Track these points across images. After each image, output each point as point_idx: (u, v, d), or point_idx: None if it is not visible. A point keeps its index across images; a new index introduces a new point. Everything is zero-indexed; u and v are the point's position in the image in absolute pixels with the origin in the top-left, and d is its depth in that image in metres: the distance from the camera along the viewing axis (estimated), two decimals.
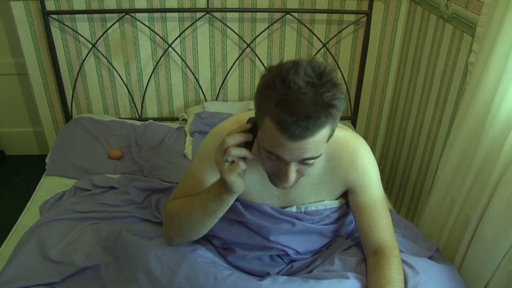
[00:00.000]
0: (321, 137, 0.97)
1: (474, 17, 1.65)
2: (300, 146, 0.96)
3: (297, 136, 0.93)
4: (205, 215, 1.16)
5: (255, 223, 1.31)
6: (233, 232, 1.35)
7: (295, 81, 0.91)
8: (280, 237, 1.33)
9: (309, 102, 0.91)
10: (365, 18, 2.31)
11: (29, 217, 1.75)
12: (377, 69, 2.53)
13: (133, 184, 1.81)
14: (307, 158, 1.00)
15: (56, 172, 2.03)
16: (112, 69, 2.41)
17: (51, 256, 1.41)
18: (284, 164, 1.02)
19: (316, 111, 0.91)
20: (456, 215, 1.55)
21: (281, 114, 0.92)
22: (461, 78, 1.78)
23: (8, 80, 2.67)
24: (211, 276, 1.21)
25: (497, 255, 1.34)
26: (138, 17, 2.28)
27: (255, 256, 1.36)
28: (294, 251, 1.36)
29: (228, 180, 1.03)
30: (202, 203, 1.15)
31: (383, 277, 1.20)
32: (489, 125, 1.37)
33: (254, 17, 2.35)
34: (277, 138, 0.95)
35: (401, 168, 2.40)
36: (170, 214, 1.27)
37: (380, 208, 1.28)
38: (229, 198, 1.10)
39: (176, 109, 2.58)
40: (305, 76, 0.92)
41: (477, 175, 1.45)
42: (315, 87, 0.91)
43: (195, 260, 1.26)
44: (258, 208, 1.31)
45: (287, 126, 0.92)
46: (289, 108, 0.91)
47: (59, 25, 2.27)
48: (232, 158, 1.00)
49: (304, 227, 1.32)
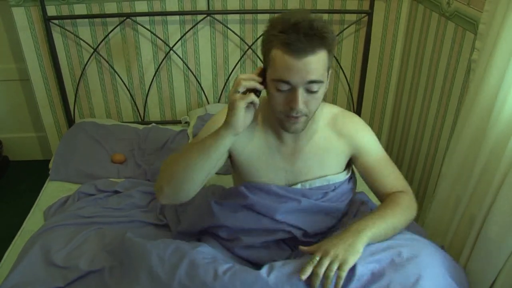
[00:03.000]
0: (321, 59, 1.13)
1: (476, 14, 1.65)
2: (304, 66, 1.11)
3: (299, 51, 1.10)
4: (200, 153, 1.18)
5: (260, 204, 1.34)
6: (239, 218, 1.37)
7: (294, 16, 1.12)
8: (286, 216, 1.35)
9: (305, 27, 1.11)
10: (366, 17, 2.31)
11: (34, 222, 1.76)
12: (379, 69, 2.52)
13: (137, 188, 1.81)
14: (311, 81, 1.13)
15: (60, 177, 2.04)
16: (114, 73, 2.41)
17: (56, 261, 1.41)
18: (293, 91, 1.15)
19: (312, 32, 1.11)
20: (461, 214, 1.55)
21: (285, 36, 1.10)
22: (464, 76, 1.77)
23: (10, 86, 2.68)
24: (211, 271, 1.21)
25: (502, 253, 1.33)
26: (139, 20, 2.28)
27: (262, 242, 1.37)
28: (301, 232, 1.37)
29: (235, 105, 1.12)
30: (200, 141, 1.21)
31: (388, 201, 1.30)
32: (493, 123, 1.36)
33: (255, 18, 2.34)
34: (285, 60, 1.11)
35: (405, 167, 2.39)
36: (166, 163, 1.28)
37: (388, 163, 1.38)
38: (226, 133, 1.15)
39: (178, 112, 2.58)
40: (301, 14, 1.14)
41: (482, 173, 1.44)
42: (309, 20, 1.12)
43: (195, 257, 1.26)
44: (264, 188, 1.35)
45: (291, 44, 1.10)
46: (291, 31, 1.10)
47: (61, 30, 2.27)
48: (243, 88, 1.13)
49: (310, 204, 1.35)
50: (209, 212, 1.41)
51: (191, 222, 1.51)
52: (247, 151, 1.35)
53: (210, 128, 1.28)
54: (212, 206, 1.41)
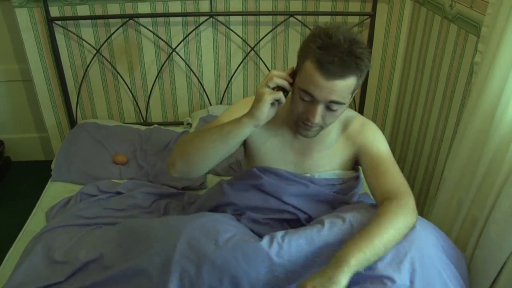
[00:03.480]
0: (348, 84, 1.16)
1: (479, 17, 1.64)
2: (331, 86, 1.15)
3: (330, 74, 1.13)
4: (218, 136, 1.22)
5: (270, 184, 1.39)
6: (248, 196, 1.42)
7: (336, 35, 1.14)
8: (293, 198, 1.39)
9: (344, 51, 1.13)
10: (369, 19, 2.31)
11: (35, 223, 1.76)
12: (381, 71, 2.52)
13: (139, 189, 1.81)
14: (333, 101, 1.18)
15: (62, 178, 2.04)
16: (117, 74, 2.41)
17: (56, 257, 1.42)
18: (314, 104, 1.20)
19: (349, 58, 1.13)
20: (463, 216, 1.54)
21: (321, 55, 1.13)
22: (466, 78, 1.77)
23: (13, 86, 2.68)
24: (212, 240, 1.22)
25: (503, 253, 1.34)
26: (142, 22, 2.28)
27: (266, 219, 1.39)
28: (305, 217, 1.39)
29: (263, 98, 1.16)
30: (220, 126, 1.25)
31: (379, 214, 1.21)
32: (496, 126, 1.36)
33: (258, 20, 2.35)
34: (314, 76, 1.15)
35: (407, 169, 2.39)
36: (183, 139, 1.32)
37: (388, 161, 1.36)
38: (248, 123, 1.19)
39: (180, 114, 2.58)
40: (344, 34, 1.15)
41: (484, 176, 1.44)
42: (351, 43, 1.14)
43: (198, 221, 1.30)
44: (275, 172, 1.40)
45: (324, 64, 1.13)
46: (329, 52, 1.13)
47: (64, 31, 2.28)
48: (274, 84, 1.18)
49: (317, 190, 1.39)
50: (219, 191, 1.46)
51: (200, 204, 1.55)
52: (261, 141, 1.41)
53: (232, 114, 1.32)
54: (223, 186, 1.46)
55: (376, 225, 1.17)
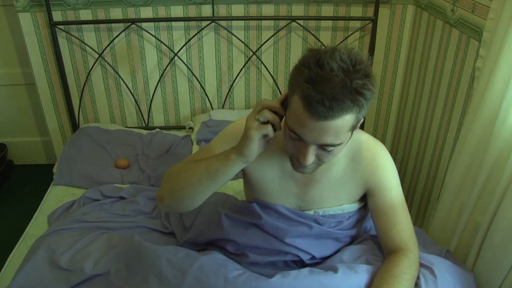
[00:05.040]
0: (344, 123, 0.97)
1: (481, 22, 1.64)
2: (321, 128, 0.97)
3: (320, 115, 0.94)
4: (205, 174, 1.10)
5: (271, 225, 1.31)
6: (249, 235, 1.35)
7: (329, 63, 0.93)
8: (296, 240, 1.32)
9: (338, 84, 0.92)
10: (370, 24, 2.31)
11: (37, 226, 1.76)
12: (383, 76, 2.52)
13: (142, 194, 1.81)
14: (326, 144, 1.01)
15: (64, 182, 2.04)
16: (119, 79, 2.42)
17: (60, 263, 1.41)
18: (304, 145, 1.03)
19: (343, 94, 0.92)
20: (465, 221, 1.54)
21: (308, 90, 0.93)
22: (468, 83, 1.77)
23: (16, 90, 2.70)
24: (221, 276, 1.20)
25: (507, 260, 1.33)
26: (144, 26, 2.29)
27: (268, 261, 1.36)
28: (308, 257, 1.35)
29: (250, 134, 1.01)
30: (207, 161, 1.11)
31: (386, 270, 1.20)
32: (498, 131, 1.35)
33: (260, 25, 2.35)
34: (301, 116, 0.96)
35: (409, 174, 2.39)
36: (171, 173, 1.20)
37: (399, 210, 1.27)
38: (236, 160, 1.06)
39: (182, 118, 2.59)
40: (340, 61, 0.94)
41: (486, 181, 1.44)
42: (347, 72, 0.93)
43: (206, 262, 1.25)
44: (276, 210, 1.31)
45: (312, 103, 0.93)
46: (317, 87, 0.93)
47: (66, 36, 2.29)
48: (264, 119, 1.01)
49: (321, 230, 1.32)
50: (219, 224, 1.40)
51: (199, 231, 1.48)
52: (260, 171, 1.29)
53: (225, 141, 1.22)
54: (222, 220, 1.39)
55: (390, 275, 1.18)
